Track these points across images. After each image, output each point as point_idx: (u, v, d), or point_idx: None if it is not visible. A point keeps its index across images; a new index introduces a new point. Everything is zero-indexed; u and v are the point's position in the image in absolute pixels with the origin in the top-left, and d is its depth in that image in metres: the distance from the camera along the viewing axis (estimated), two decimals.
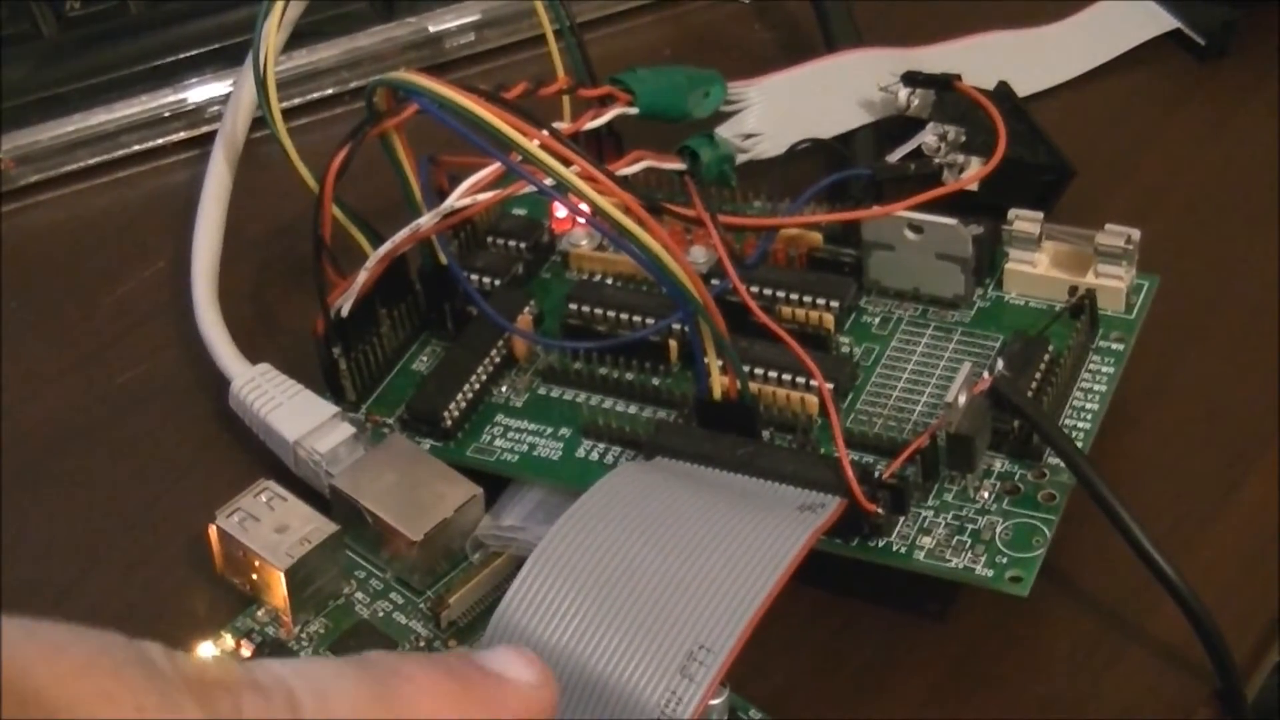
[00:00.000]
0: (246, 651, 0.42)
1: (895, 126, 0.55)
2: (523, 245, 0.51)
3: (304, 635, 0.42)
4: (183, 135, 0.61)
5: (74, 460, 0.50)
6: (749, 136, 0.54)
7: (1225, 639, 0.41)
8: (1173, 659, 0.43)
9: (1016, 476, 0.44)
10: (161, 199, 0.59)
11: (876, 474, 0.43)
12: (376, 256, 0.47)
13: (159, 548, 0.47)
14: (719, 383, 0.44)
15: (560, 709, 0.36)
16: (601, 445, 0.46)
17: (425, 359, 0.50)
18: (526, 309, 0.49)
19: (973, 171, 0.51)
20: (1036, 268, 0.48)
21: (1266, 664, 0.44)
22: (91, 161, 0.61)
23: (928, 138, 0.52)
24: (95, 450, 0.50)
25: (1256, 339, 0.50)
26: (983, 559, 0.42)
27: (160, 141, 0.61)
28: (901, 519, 0.43)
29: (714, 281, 0.46)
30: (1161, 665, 0.43)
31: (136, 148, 0.61)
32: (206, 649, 0.42)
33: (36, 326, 0.55)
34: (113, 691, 0.27)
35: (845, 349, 0.48)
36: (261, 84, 0.48)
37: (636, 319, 0.48)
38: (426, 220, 0.46)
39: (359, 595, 0.43)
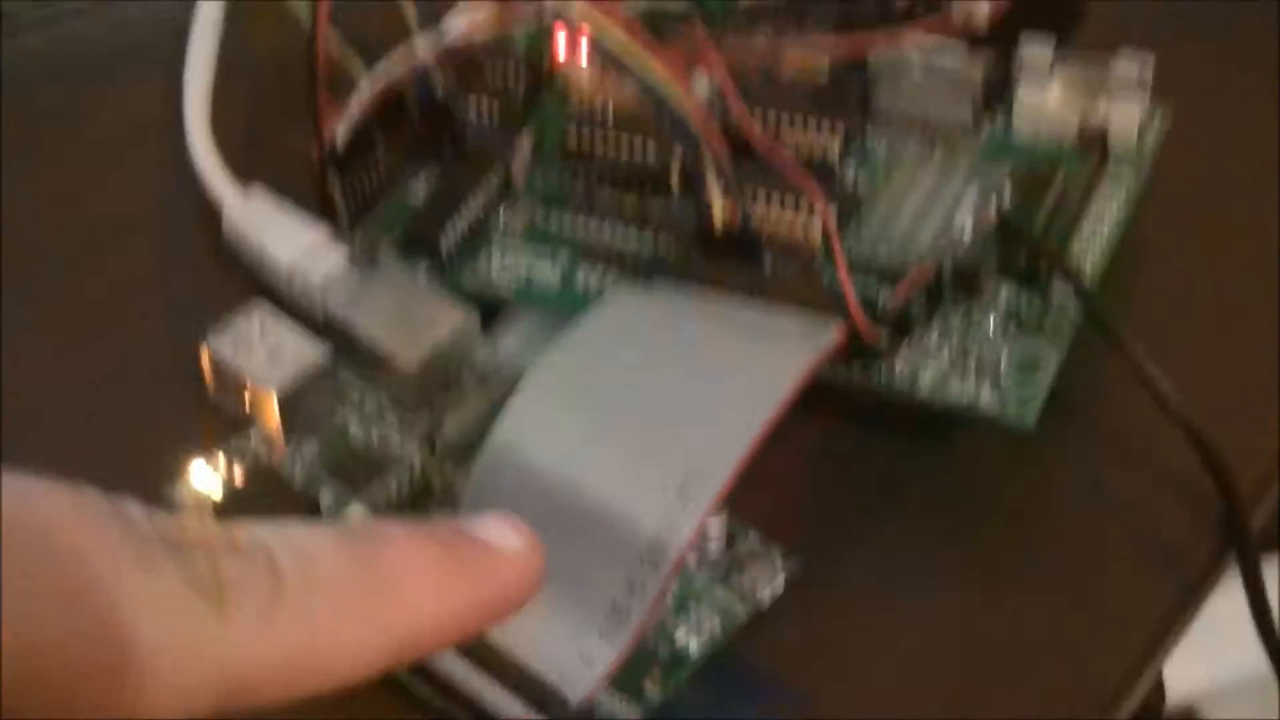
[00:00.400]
0: (239, 471, 0.41)
1: None
2: (523, 72, 0.50)
3: (297, 458, 0.42)
4: None
5: (65, 287, 0.49)
6: None
7: (1231, 469, 0.41)
8: (1178, 488, 0.42)
9: (1023, 305, 0.43)
10: (154, 27, 0.58)
11: (880, 302, 0.42)
12: (372, 82, 0.46)
13: (153, 371, 0.46)
14: (720, 210, 0.43)
15: (550, 534, 0.35)
16: (600, 272, 0.45)
17: (422, 186, 0.49)
18: (526, 136, 0.48)
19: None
20: (1048, 97, 0.47)
21: (1272, 494, 0.43)
22: None
23: None
24: (87, 280, 0.50)
25: (1266, 170, 0.50)
26: (987, 389, 0.42)
27: None
28: (905, 348, 0.42)
29: (716, 109, 0.45)
30: (1167, 494, 0.42)
31: None
32: (199, 467, 0.41)
33: (23, 157, 0.54)
34: (88, 547, 0.27)
35: (850, 177, 0.47)
36: None
37: (637, 146, 0.47)
38: (423, 45, 0.45)
39: (352, 418, 0.43)
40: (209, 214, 0.49)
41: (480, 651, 0.36)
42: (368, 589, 0.30)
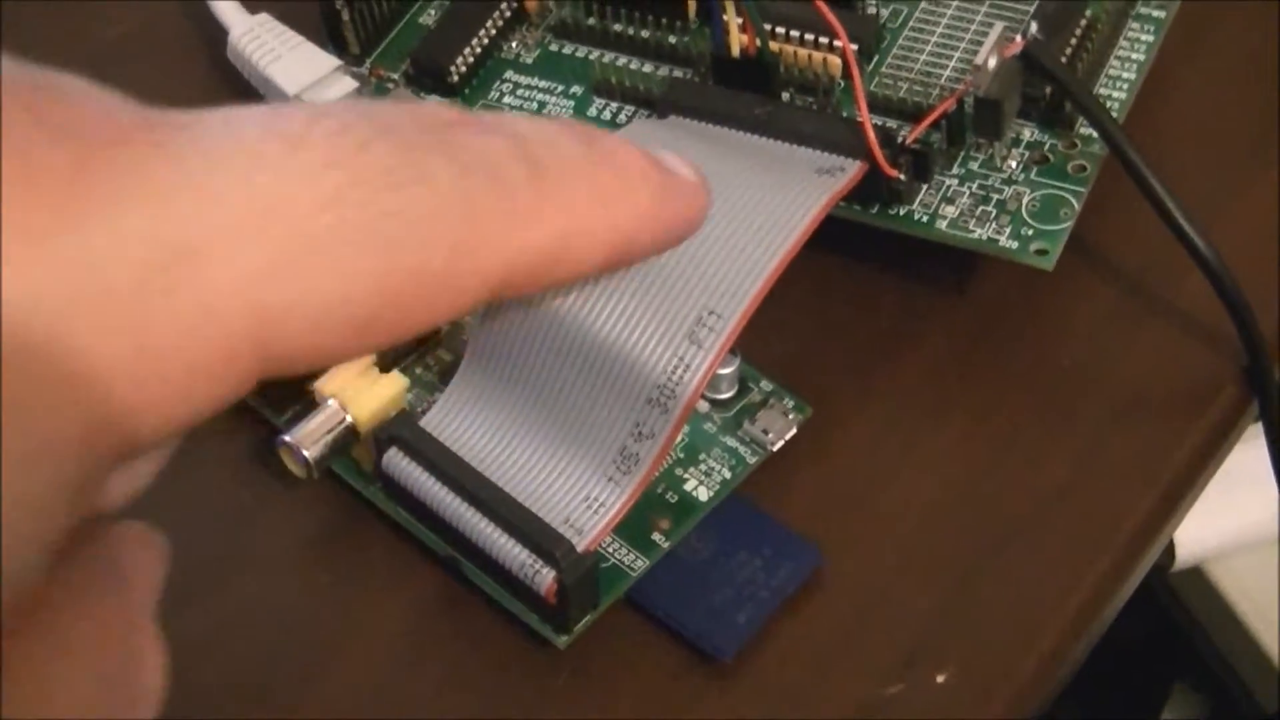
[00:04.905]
0: None
1: None
2: None
3: None
4: None
5: None
6: None
7: (1255, 314, 0.40)
8: (1200, 335, 0.41)
9: (1046, 146, 0.42)
10: None
11: (900, 138, 0.41)
12: None
13: None
14: (737, 39, 0.42)
15: (559, 377, 0.35)
16: (614, 104, 0.44)
17: (432, 11, 0.47)
18: None
19: None
20: None
21: None
22: None
23: None
24: None
25: None
26: (1008, 230, 0.41)
27: None
28: (924, 186, 0.42)
29: None
30: (1189, 341, 0.41)
31: None
32: None
33: None
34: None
35: (871, 8, 0.45)
36: None
37: None
38: None
39: None
40: (215, 35, 0.48)
41: (487, 497, 0.36)
42: (605, 179, 0.28)
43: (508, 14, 0.46)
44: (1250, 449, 0.42)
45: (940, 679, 0.37)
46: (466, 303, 0.25)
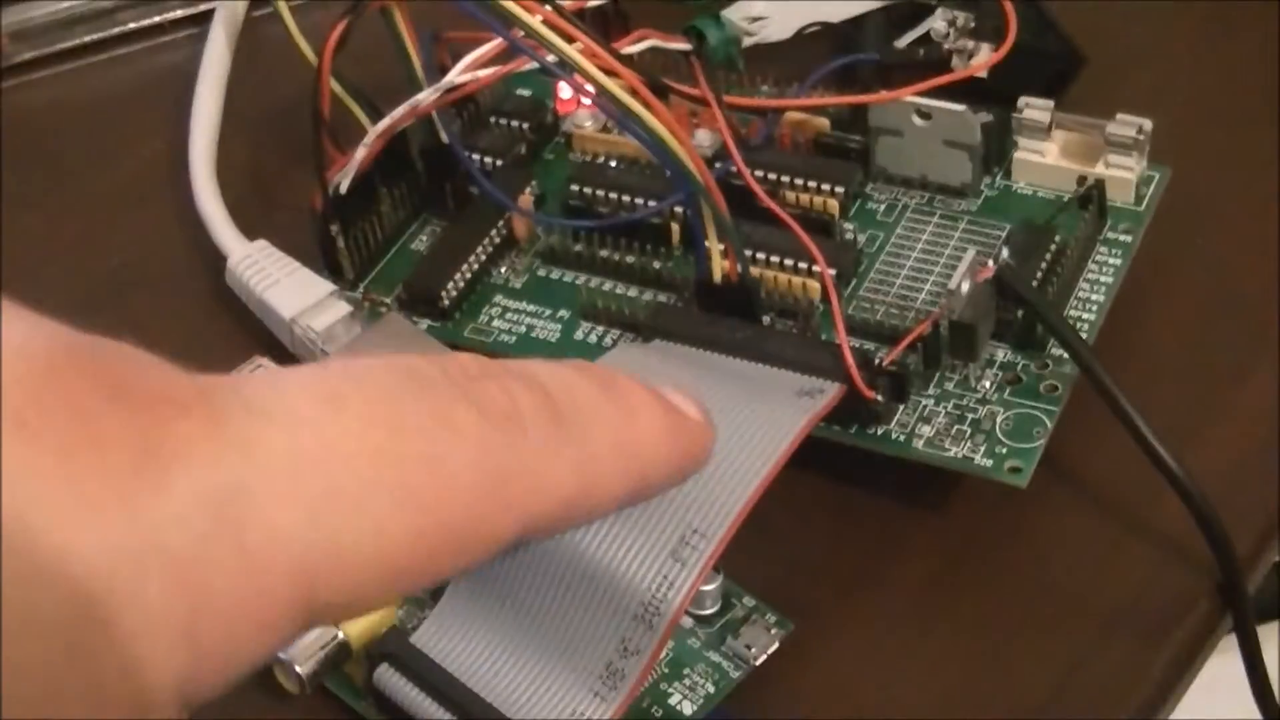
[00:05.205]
0: None
1: (904, 11, 0.54)
2: (526, 125, 0.51)
3: None
4: (180, 13, 0.61)
5: None
6: (756, 20, 0.54)
7: (1227, 532, 0.41)
8: (1174, 551, 0.42)
9: (1019, 366, 0.43)
10: (159, 77, 0.59)
11: (877, 360, 0.42)
12: (376, 132, 0.46)
13: None
14: (720, 265, 0.44)
15: (546, 594, 0.35)
16: (600, 328, 0.46)
17: (425, 238, 0.49)
18: (528, 189, 0.48)
19: (982, 58, 0.50)
20: (1046, 157, 0.47)
21: (1268, 558, 0.43)
22: (88, 39, 0.60)
23: (937, 23, 0.52)
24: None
25: (1264, 234, 0.50)
26: (982, 449, 0.42)
27: (158, 19, 0.61)
28: (901, 407, 0.43)
29: (718, 164, 0.46)
30: (1163, 557, 0.42)
31: (133, 25, 0.61)
32: None
33: (32, 205, 0.54)
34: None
35: (849, 235, 0.47)
36: None
37: (639, 200, 0.47)
38: (427, 96, 0.46)
39: None
40: (214, 262, 0.49)
41: (477, 713, 0.36)
42: (622, 426, 0.29)
43: (497, 240, 0.48)
44: (1226, 659, 0.43)
45: None
46: (495, 548, 0.27)
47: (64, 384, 0.22)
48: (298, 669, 0.38)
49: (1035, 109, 0.47)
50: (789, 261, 0.45)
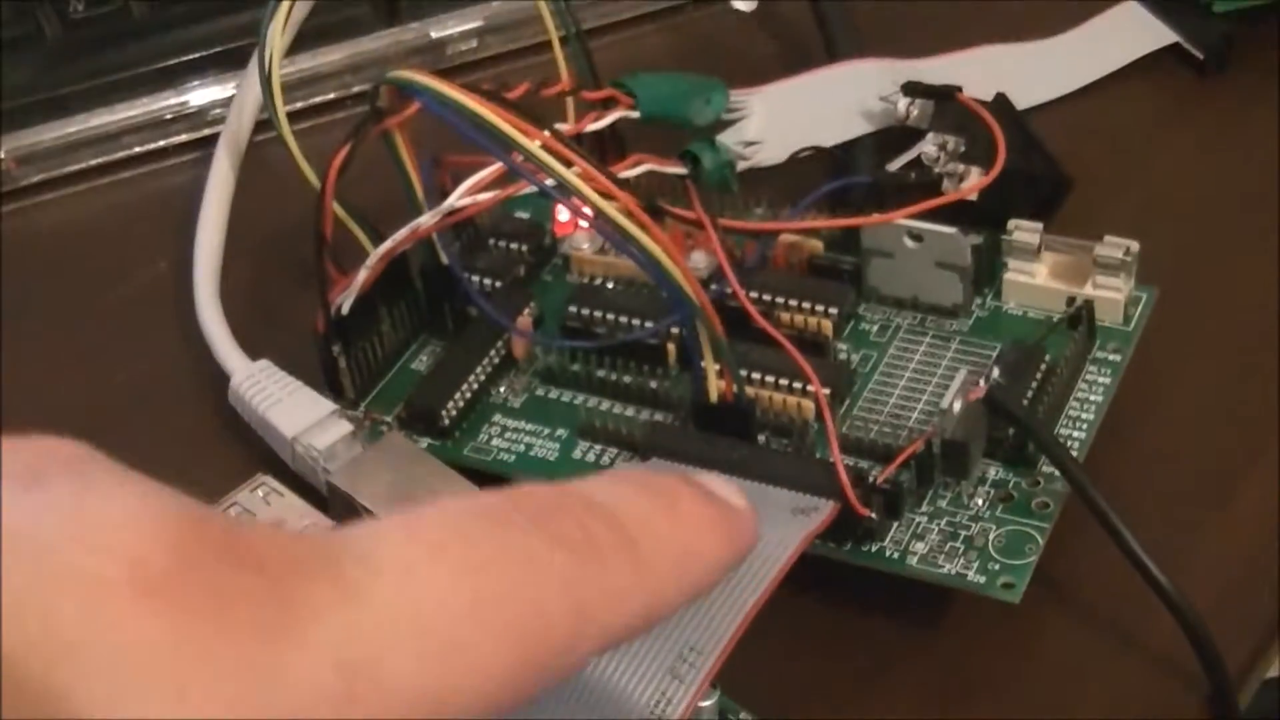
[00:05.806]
0: None
1: (895, 136, 0.55)
2: (524, 247, 0.51)
3: None
4: (185, 138, 0.62)
5: None
6: (750, 144, 0.55)
7: (1218, 647, 0.41)
8: (1166, 666, 0.43)
9: (1010, 484, 0.44)
10: (163, 200, 0.60)
11: (871, 479, 0.43)
12: (377, 254, 0.47)
13: None
14: (716, 386, 0.44)
15: (546, 711, 0.36)
16: (598, 447, 0.46)
17: (425, 358, 0.50)
18: (527, 310, 0.49)
19: (972, 181, 0.51)
20: (1035, 278, 0.48)
21: (1259, 673, 0.44)
22: (94, 162, 0.61)
23: (928, 147, 0.53)
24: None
25: (1254, 352, 0.50)
26: (975, 565, 0.42)
27: (162, 144, 0.62)
28: (895, 524, 0.43)
29: (713, 286, 0.47)
30: (1154, 672, 0.43)
31: (138, 149, 0.62)
32: None
33: (37, 326, 0.55)
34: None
35: (843, 355, 0.48)
36: (266, 81, 0.48)
37: (636, 321, 0.48)
38: (427, 219, 0.46)
39: None
40: (217, 382, 0.50)
41: None
42: (677, 534, 0.30)
43: (496, 360, 0.48)
44: None
45: None
46: (575, 670, 0.28)
47: (197, 556, 0.24)
48: None
49: (1024, 231, 0.48)
50: (784, 381, 0.45)
